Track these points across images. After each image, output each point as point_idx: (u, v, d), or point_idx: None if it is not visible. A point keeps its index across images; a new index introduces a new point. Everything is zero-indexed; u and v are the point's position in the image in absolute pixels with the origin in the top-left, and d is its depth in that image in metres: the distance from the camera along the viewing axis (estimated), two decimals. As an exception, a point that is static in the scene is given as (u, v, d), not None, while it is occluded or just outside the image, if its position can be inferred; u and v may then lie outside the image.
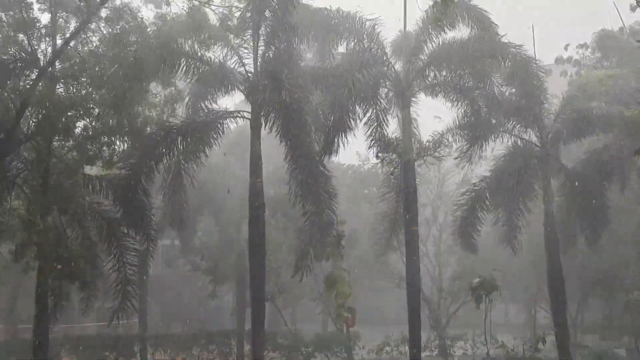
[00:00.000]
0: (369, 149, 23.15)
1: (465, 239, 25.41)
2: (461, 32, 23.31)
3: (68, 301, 20.89)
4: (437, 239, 37.04)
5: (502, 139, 25.10)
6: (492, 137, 24.62)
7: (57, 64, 20.41)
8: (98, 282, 20.68)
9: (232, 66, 22.19)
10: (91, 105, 20.03)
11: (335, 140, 21.35)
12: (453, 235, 27.26)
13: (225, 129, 22.57)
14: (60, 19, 20.16)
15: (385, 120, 22.50)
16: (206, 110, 22.61)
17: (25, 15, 19.29)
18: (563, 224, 24.71)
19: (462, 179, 32.00)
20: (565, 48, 28.72)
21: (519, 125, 24.75)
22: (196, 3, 20.71)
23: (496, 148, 25.38)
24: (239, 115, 22.94)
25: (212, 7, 20.18)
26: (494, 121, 24.37)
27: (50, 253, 18.32)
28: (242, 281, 29.54)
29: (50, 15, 20.05)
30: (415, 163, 24.07)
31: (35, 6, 19.78)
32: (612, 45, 28.97)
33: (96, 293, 21.00)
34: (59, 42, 20.11)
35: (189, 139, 21.77)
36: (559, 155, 25.04)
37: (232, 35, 21.39)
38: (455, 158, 25.41)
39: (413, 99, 23.73)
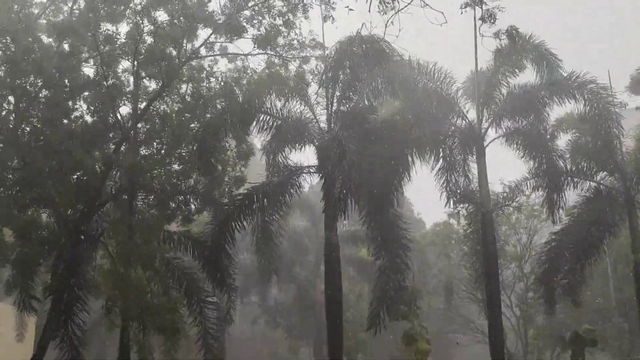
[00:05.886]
0: (446, 204, 22.26)
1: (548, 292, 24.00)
2: (527, 75, 22.83)
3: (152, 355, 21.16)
4: (524, 292, 35.49)
5: (581, 186, 24.00)
6: (571, 184, 23.72)
7: (139, 125, 21.46)
8: (181, 334, 20.76)
9: (306, 121, 22.57)
10: (171, 162, 20.83)
11: (393, 192, 21.25)
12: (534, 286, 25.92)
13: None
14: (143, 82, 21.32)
15: (459, 171, 21.63)
16: (281, 167, 22.77)
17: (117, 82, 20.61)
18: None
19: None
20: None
21: (600, 172, 23.83)
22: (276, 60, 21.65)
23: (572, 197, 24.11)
24: (313, 171, 22.97)
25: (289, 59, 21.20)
26: (571, 168, 23.60)
27: (135, 305, 18.68)
28: (319, 337, 29.26)
29: (132, 79, 21.23)
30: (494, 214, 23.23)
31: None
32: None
33: (178, 344, 21.04)
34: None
35: (267, 199, 22.14)
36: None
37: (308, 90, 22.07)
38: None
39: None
